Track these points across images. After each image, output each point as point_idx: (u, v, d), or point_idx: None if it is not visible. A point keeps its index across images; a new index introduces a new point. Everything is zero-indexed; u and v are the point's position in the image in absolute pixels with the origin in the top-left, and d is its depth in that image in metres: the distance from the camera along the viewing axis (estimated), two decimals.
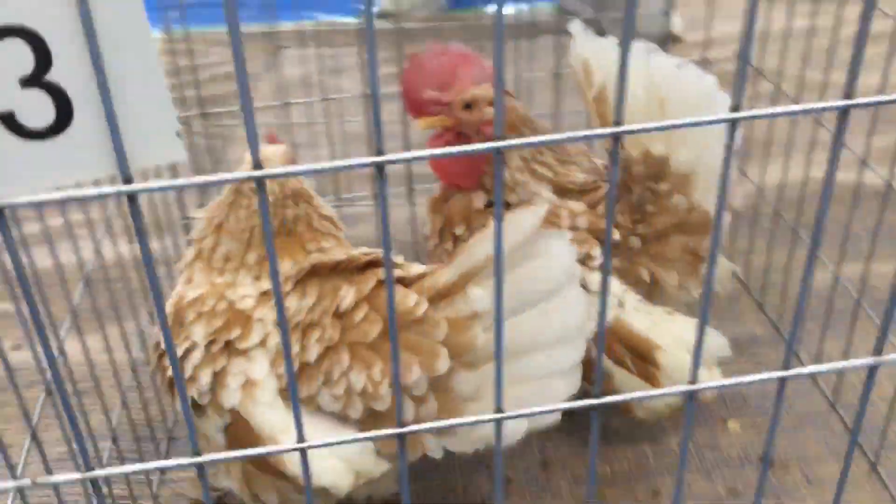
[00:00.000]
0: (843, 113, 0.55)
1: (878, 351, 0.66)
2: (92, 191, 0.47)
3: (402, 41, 1.75)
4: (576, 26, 1.40)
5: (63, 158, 0.47)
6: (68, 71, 0.44)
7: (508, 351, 1.04)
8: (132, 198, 0.48)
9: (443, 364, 1.06)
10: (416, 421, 1.08)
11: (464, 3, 3.13)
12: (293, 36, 2.80)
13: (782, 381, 0.66)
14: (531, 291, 1.02)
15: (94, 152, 0.47)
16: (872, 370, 0.66)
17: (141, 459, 1.37)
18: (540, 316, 1.04)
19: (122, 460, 1.32)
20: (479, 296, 1.04)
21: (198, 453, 0.58)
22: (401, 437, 0.60)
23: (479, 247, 1.04)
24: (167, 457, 1.43)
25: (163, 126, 0.47)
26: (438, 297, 1.07)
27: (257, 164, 0.48)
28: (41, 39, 0.43)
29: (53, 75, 0.44)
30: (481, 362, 1.06)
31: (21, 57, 0.43)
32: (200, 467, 0.59)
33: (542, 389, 1.06)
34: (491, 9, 3.14)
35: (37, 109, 0.45)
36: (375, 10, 3.12)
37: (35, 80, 0.44)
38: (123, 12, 0.43)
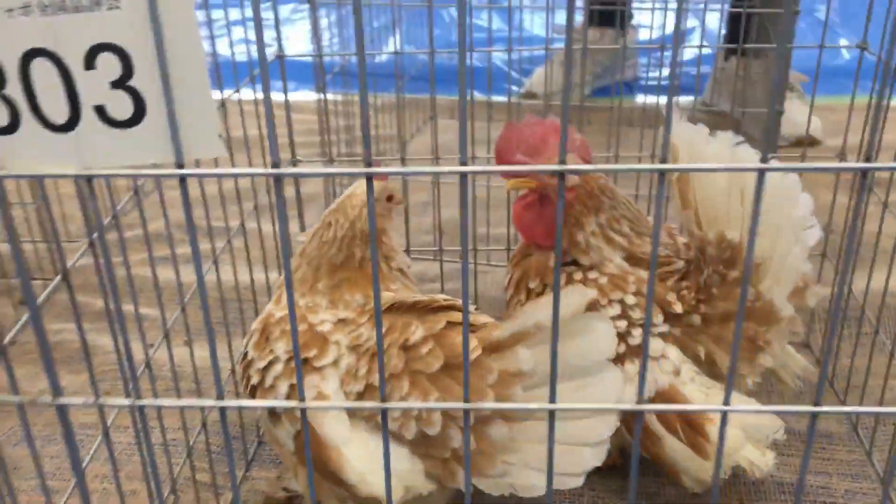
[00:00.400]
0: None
1: None
2: (154, 171, 0.63)
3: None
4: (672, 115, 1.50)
5: (137, 144, 0.63)
6: (144, 80, 0.61)
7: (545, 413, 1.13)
8: (182, 179, 0.63)
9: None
10: (459, 451, 1.19)
11: (606, 91, 3.26)
12: (446, 107, 3.02)
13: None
14: (570, 365, 1.09)
15: (158, 142, 0.63)
16: None
17: (229, 456, 1.53)
18: (577, 389, 1.10)
19: (210, 452, 1.49)
20: (526, 356, 1.13)
21: (221, 397, 0.72)
22: (384, 411, 0.72)
23: (532, 313, 1.13)
24: (252, 458, 1.59)
25: (209, 128, 0.62)
26: (492, 349, 1.16)
27: (275, 164, 0.62)
28: (127, 55, 0.59)
29: (134, 81, 0.61)
30: (517, 418, 1.15)
31: (112, 66, 0.60)
32: (223, 411, 0.73)
33: (570, 454, 1.13)
34: (640, 98, 3.26)
35: (121, 106, 0.62)
36: (521, 90, 3.31)
37: (121, 83, 0.60)
38: (186, 42, 0.59)
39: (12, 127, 0.62)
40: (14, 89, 0.60)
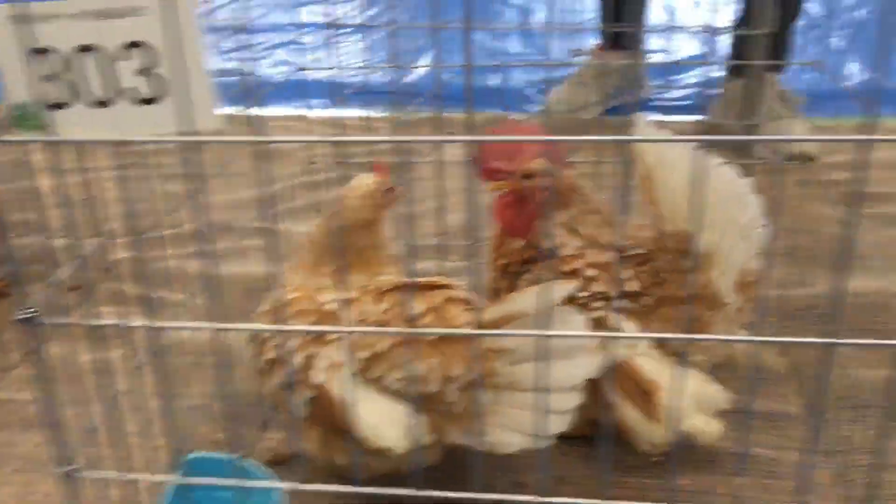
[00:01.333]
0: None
1: None
2: (171, 138, 0.85)
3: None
4: (639, 118, 1.69)
5: (158, 118, 0.85)
6: (166, 69, 0.83)
7: (522, 384, 1.35)
8: (196, 146, 0.85)
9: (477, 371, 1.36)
10: (453, 408, 1.39)
11: (618, 110, 3.45)
12: (462, 123, 3.23)
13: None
14: (552, 349, 1.30)
15: (173, 116, 0.84)
16: None
17: (244, 420, 1.74)
18: (555, 367, 1.31)
19: (229, 418, 1.71)
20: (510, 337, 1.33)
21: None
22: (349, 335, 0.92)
23: (518, 301, 1.33)
24: (266, 424, 1.80)
25: (210, 107, 0.84)
26: (483, 328, 1.36)
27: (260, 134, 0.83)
28: (154, 50, 0.81)
29: (159, 70, 0.82)
30: (498, 388, 1.36)
31: (142, 58, 0.82)
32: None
33: (539, 420, 1.35)
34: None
35: (147, 88, 0.83)
36: (539, 108, 3.51)
37: (147, 71, 0.82)
38: (192, 44, 0.81)
39: (68, 103, 0.84)
40: (71, 74, 0.82)
